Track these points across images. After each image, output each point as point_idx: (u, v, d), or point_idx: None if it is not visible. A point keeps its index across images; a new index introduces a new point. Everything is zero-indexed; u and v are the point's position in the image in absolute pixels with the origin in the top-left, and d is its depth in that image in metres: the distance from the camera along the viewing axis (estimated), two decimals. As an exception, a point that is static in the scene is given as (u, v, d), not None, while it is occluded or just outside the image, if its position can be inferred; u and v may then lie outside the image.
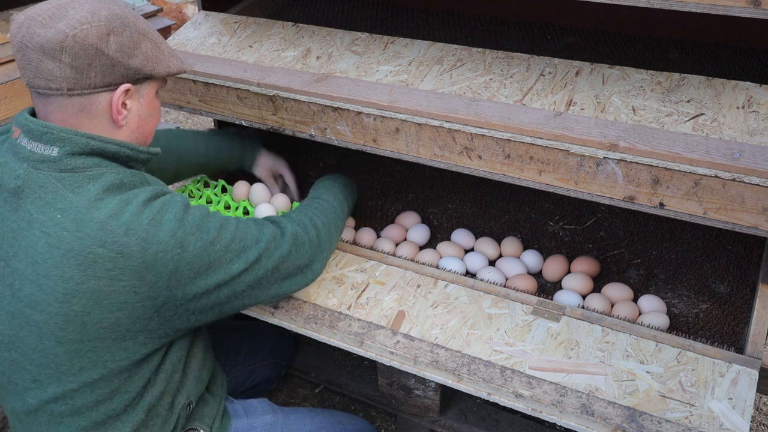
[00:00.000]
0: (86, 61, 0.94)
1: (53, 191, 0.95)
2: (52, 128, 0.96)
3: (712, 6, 1.01)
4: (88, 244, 0.92)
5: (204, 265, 1.00)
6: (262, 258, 1.08)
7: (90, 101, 0.97)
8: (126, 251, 0.93)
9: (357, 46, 1.46)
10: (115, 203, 0.95)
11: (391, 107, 1.25)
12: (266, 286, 1.10)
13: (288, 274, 1.13)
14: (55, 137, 0.96)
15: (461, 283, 1.33)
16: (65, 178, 0.96)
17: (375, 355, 1.23)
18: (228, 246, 1.03)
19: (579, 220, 1.64)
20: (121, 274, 0.94)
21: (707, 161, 1.04)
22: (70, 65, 0.93)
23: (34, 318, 0.96)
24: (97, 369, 0.99)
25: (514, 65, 1.32)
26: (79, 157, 0.97)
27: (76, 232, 0.93)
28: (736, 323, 1.30)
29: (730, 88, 1.20)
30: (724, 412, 1.06)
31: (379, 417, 1.83)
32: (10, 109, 1.75)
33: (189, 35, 1.61)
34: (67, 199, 0.94)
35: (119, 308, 0.95)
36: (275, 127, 1.43)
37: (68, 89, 0.95)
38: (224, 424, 1.23)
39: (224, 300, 1.05)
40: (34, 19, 0.94)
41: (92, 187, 0.96)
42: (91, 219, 0.93)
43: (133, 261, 0.94)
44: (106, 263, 0.93)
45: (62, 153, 0.96)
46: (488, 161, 1.22)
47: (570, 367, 1.15)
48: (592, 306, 1.32)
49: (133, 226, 0.94)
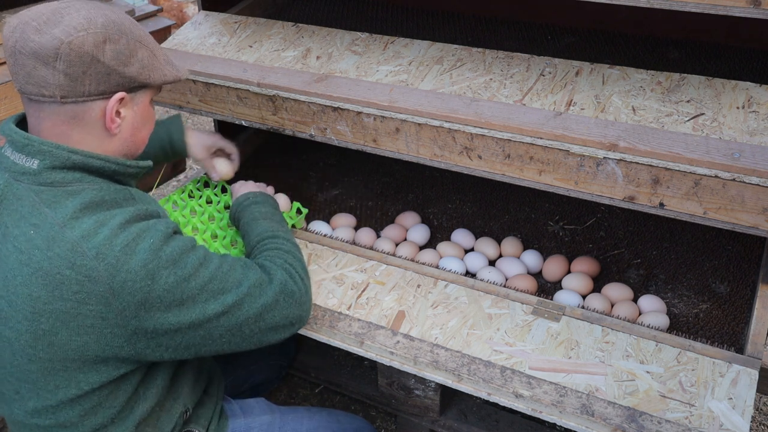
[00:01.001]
0: (81, 68, 0.91)
1: (30, 205, 0.92)
2: (34, 140, 0.93)
3: (712, 6, 1.01)
4: (56, 264, 0.89)
5: (175, 301, 0.95)
6: (244, 303, 1.02)
7: (83, 109, 0.95)
8: (93, 275, 0.90)
9: (357, 46, 1.46)
10: (89, 224, 0.91)
11: (391, 107, 1.25)
12: (248, 334, 1.04)
13: (275, 324, 1.07)
14: (36, 150, 0.93)
15: (461, 283, 1.33)
16: (43, 192, 0.93)
17: (375, 355, 1.23)
18: (204, 286, 0.98)
19: (579, 220, 1.64)
20: (87, 298, 0.90)
21: (707, 161, 1.04)
22: (65, 72, 0.90)
23: (5, 334, 0.94)
24: (71, 388, 0.96)
25: (514, 65, 1.32)
26: (60, 171, 0.94)
27: (46, 251, 0.90)
28: (736, 323, 1.30)
29: (730, 88, 1.20)
30: (724, 412, 1.06)
31: (379, 417, 1.83)
32: (11, 108, 1.75)
33: (189, 35, 1.61)
34: (43, 215, 0.92)
35: (86, 332, 0.92)
36: (275, 127, 1.43)
37: (61, 97, 0.92)
38: (221, 425, 1.22)
39: (200, 342, 1.00)
40: (28, 24, 0.91)
41: (70, 203, 0.93)
42: (63, 238, 0.90)
43: (99, 286, 0.90)
44: (73, 285, 0.90)
45: (42, 166, 0.93)
46: (488, 161, 1.22)
47: (570, 367, 1.15)
48: (592, 306, 1.32)
49: (103, 251, 0.90)
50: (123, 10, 1.02)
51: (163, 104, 1.54)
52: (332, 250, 1.43)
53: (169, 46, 1.58)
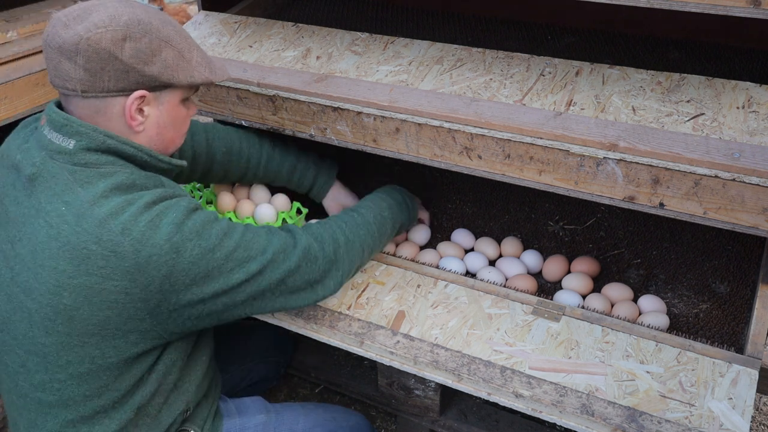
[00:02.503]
0: (99, 64, 0.94)
1: (63, 183, 0.96)
2: (73, 121, 0.97)
3: (712, 6, 1.01)
4: (84, 239, 0.93)
5: (201, 273, 0.98)
6: (267, 269, 1.05)
7: (105, 104, 0.98)
8: (119, 251, 0.93)
9: (357, 46, 1.46)
10: (118, 202, 0.95)
11: (391, 107, 1.25)
12: (270, 298, 1.07)
13: (296, 288, 1.10)
14: (74, 130, 0.97)
15: (461, 283, 1.33)
16: (78, 172, 0.96)
17: (375, 355, 1.23)
18: (229, 255, 1.00)
19: (579, 220, 1.64)
20: (112, 273, 0.93)
21: (707, 161, 1.04)
22: (84, 67, 0.94)
23: (27, 305, 0.97)
24: (84, 364, 0.98)
25: (514, 65, 1.32)
26: (94, 153, 0.97)
27: (75, 226, 0.93)
28: (736, 323, 1.30)
29: (730, 88, 1.20)
30: (724, 412, 1.06)
31: (379, 417, 1.83)
32: (10, 109, 1.75)
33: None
34: (75, 193, 0.95)
35: (109, 306, 0.95)
36: (275, 127, 1.43)
37: (82, 91, 0.96)
38: (216, 425, 1.22)
39: (222, 309, 1.03)
40: (60, 20, 0.95)
41: (102, 183, 0.96)
42: (92, 215, 0.93)
43: (125, 262, 0.93)
44: (99, 261, 0.93)
45: (78, 147, 0.97)
46: (488, 161, 1.22)
47: (570, 367, 1.15)
48: (592, 306, 1.32)
49: (129, 227, 0.93)
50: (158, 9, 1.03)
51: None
52: (332, 250, 1.43)
53: (169, 46, 1.58)
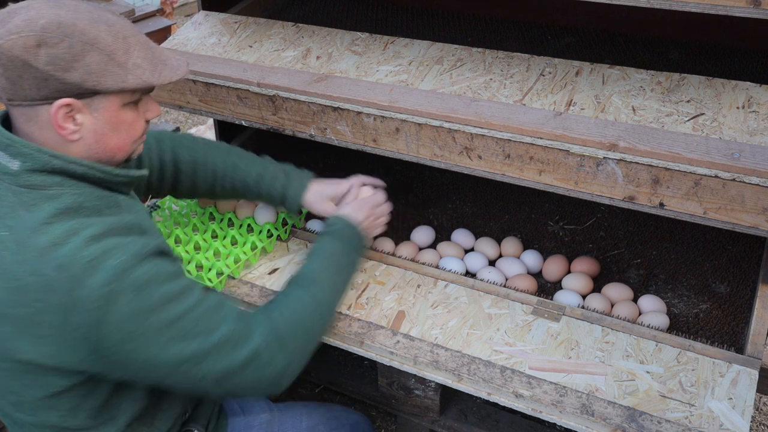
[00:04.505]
0: (16, 72, 0.87)
1: (8, 206, 0.90)
2: (16, 141, 0.90)
3: (712, 6, 1.01)
4: (21, 269, 0.87)
5: (130, 334, 0.89)
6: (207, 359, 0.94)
7: (33, 113, 0.90)
8: (54, 286, 0.86)
9: (357, 46, 1.46)
10: (60, 231, 0.88)
11: (391, 107, 1.25)
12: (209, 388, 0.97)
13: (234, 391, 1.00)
14: (18, 151, 0.90)
15: (461, 283, 1.33)
16: (23, 194, 0.90)
17: (375, 355, 1.23)
18: (168, 325, 0.91)
19: (579, 220, 1.64)
20: (45, 307, 0.87)
21: (707, 161, 1.04)
22: (3, 75, 0.87)
23: None
24: (39, 389, 0.94)
25: (514, 65, 1.32)
26: (40, 174, 0.91)
27: (15, 255, 0.88)
28: (736, 323, 1.30)
29: (730, 88, 1.20)
30: (724, 412, 1.06)
31: (379, 417, 1.83)
32: (10, 109, 1.75)
33: (189, 35, 1.61)
34: (18, 217, 0.89)
35: (45, 342, 0.89)
36: (275, 127, 1.43)
37: (8, 99, 0.89)
38: (221, 424, 1.22)
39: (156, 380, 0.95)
40: None
41: (47, 207, 0.89)
42: (32, 244, 0.87)
43: (57, 297, 0.86)
44: (33, 293, 0.87)
45: (23, 168, 0.90)
46: (488, 161, 1.22)
47: (570, 367, 1.15)
48: (592, 306, 1.32)
49: (66, 262, 0.86)
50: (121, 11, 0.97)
51: (163, 104, 1.54)
52: (332, 250, 1.43)
53: (169, 46, 1.58)
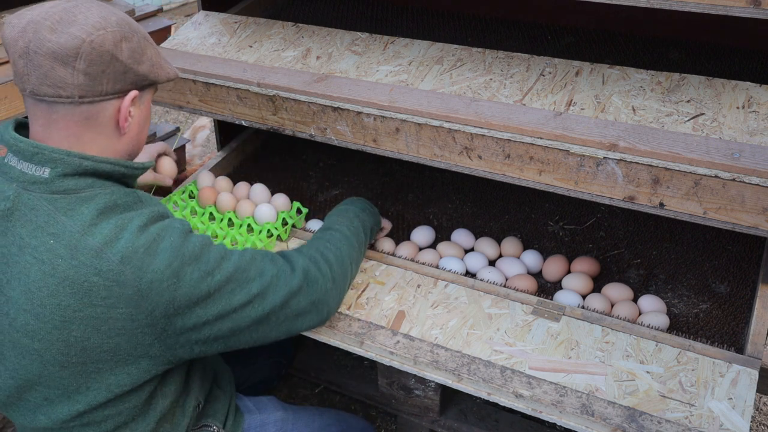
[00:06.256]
0: (101, 67, 0.91)
1: (45, 214, 0.91)
2: (43, 148, 0.92)
3: (712, 6, 1.01)
4: (83, 272, 0.90)
5: (202, 296, 0.96)
6: (268, 292, 1.03)
7: (98, 109, 0.94)
8: (121, 279, 0.90)
9: (357, 46, 1.46)
10: (109, 229, 0.92)
11: (391, 107, 1.25)
12: (275, 322, 1.06)
13: (300, 311, 1.08)
14: (47, 158, 0.91)
15: (461, 283, 1.33)
16: (57, 200, 0.92)
17: (375, 355, 1.23)
18: (229, 278, 0.99)
19: (579, 220, 1.64)
20: (117, 302, 0.91)
21: (707, 161, 1.04)
22: (84, 72, 0.90)
23: (34, 346, 0.93)
24: (102, 391, 0.97)
25: (514, 65, 1.32)
26: (72, 178, 0.93)
27: (70, 260, 0.90)
28: (736, 323, 1.30)
29: (730, 88, 1.20)
30: (724, 412, 1.06)
31: (379, 417, 1.83)
32: (11, 109, 1.75)
33: (189, 35, 1.61)
34: (60, 223, 0.91)
35: (117, 334, 0.93)
36: (275, 127, 1.43)
37: (80, 96, 0.91)
38: (237, 420, 1.24)
39: (228, 333, 1.01)
40: (41, 24, 0.89)
41: (86, 209, 0.92)
42: (86, 246, 0.90)
43: (128, 289, 0.91)
44: (102, 291, 0.90)
45: (54, 174, 0.92)
46: (488, 161, 1.22)
47: (570, 367, 1.15)
48: (592, 306, 1.32)
49: (128, 254, 0.91)
50: (121, 11, 1.02)
51: (164, 104, 1.54)
52: (332, 250, 1.43)
53: (169, 46, 1.58)
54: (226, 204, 1.54)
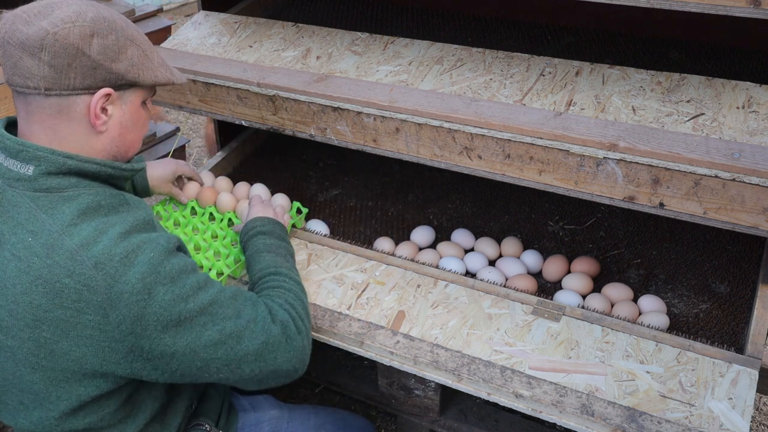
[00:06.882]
0: (66, 60, 0.90)
1: (26, 211, 0.91)
2: (28, 146, 0.92)
3: (712, 6, 1.01)
4: (56, 272, 0.89)
5: (172, 321, 0.93)
6: (244, 336, 0.99)
7: (68, 103, 0.93)
8: (92, 285, 0.89)
9: (357, 46, 1.46)
10: (88, 231, 0.91)
11: (391, 107, 1.25)
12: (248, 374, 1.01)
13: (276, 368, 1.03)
14: (31, 155, 0.92)
15: (461, 283, 1.33)
16: (40, 198, 0.92)
17: (375, 355, 1.23)
18: (202, 309, 0.95)
19: (579, 220, 1.64)
20: (86, 307, 0.89)
21: (707, 161, 1.04)
22: (49, 64, 0.90)
23: (8, 343, 0.93)
24: (72, 400, 0.95)
25: (514, 65, 1.32)
26: (56, 176, 0.93)
27: (45, 259, 0.89)
28: (736, 323, 1.30)
29: (730, 88, 1.20)
30: (724, 412, 1.06)
31: (379, 417, 1.83)
32: (11, 109, 1.76)
33: (189, 35, 1.61)
34: (40, 221, 0.91)
35: (85, 343, 0.91)
36: (275, 127, 1.43)
37: (45, 89, 0.91)
38: (231, 419, 1.24)
39: (196, 372, 0.98)
40: (19, 17, 0.91)
41: (67, 209, 0.92)
42: (62, 246, 0.89)
43: (97, 296, 0.89)
44: (72, 294, 0.89)
45: (38, 172, 0.92)
46: (488, 161, 1.22)
47: (570, 367, 1.15)
48: (592, 306, 1.32)
49: (102, 260, 0.89)
50: (121, 11, 1.01)
51: (164, 104, 1.54)
52: (332, 250, 1.43)
53: (169, 46, 1.58)
54: (226, 204, 1.54)
